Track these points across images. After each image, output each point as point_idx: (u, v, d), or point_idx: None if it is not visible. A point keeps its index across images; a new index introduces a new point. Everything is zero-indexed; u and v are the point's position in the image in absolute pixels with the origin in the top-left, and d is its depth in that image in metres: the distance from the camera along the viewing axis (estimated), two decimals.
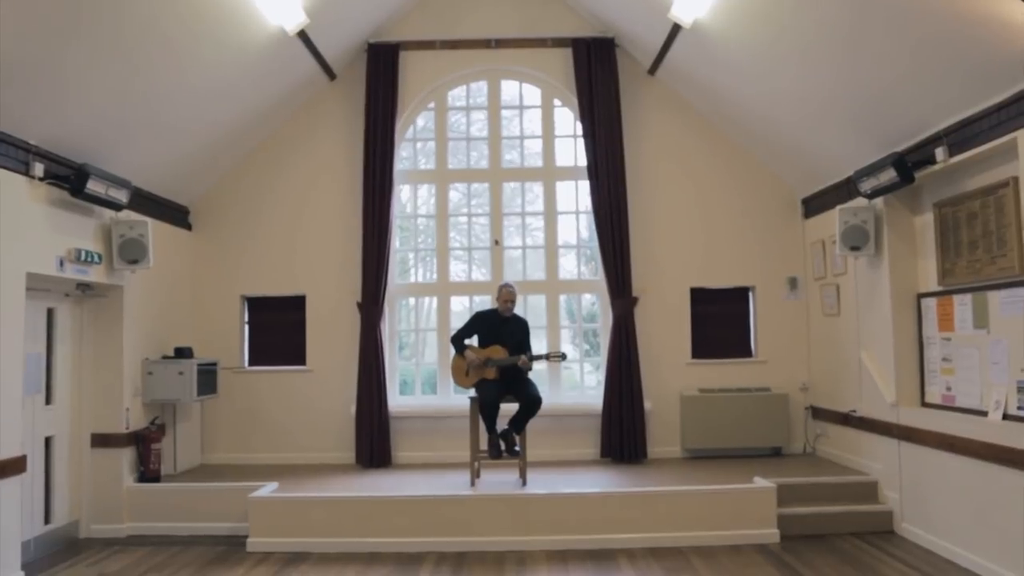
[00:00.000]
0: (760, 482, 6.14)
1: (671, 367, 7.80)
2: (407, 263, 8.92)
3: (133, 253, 6.32)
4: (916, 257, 6.20)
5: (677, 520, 5.89)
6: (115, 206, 6.14)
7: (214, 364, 7.44)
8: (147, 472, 6.66)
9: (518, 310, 6.75)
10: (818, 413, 7.65)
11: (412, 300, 8.46)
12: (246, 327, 8.06)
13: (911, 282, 6.20)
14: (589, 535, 5.85)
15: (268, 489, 6.26)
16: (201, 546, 6.08)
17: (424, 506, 5.91)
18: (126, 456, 6.51)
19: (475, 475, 6.52)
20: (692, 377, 7.80)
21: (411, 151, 8.34)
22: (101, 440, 6.41)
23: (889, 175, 5.78)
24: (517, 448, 6.35)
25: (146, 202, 7.04)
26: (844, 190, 6.92)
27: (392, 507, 5.91)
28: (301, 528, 5.91)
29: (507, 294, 6.51)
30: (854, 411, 6.78)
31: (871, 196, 6.19)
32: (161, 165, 6.97)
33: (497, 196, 8.09)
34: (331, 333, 7.85)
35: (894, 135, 5.86)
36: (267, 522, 5.93)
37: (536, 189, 8.37)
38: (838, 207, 6.55)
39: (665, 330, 7.84)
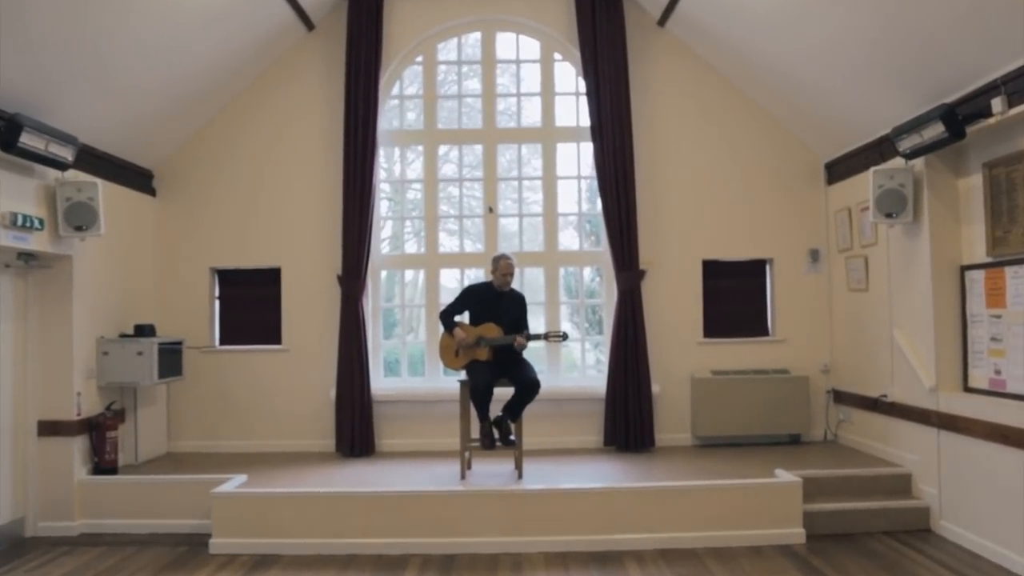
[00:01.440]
0: (783, 475, 5.51)
1: (681, 347, 7.14)
2: (392, 233, 8.20)
3: (80, 219, 5.62)
4: (960, 224, 5.52)
5: (691, 519, 5.26)
6: (59, 165, 5.44)
7: (179, 343, 6.77)
8: (102, 463, 6.01)
9: (513, 284, 6.07)
10: (841, 397, 7.02)
11: (398, 273, 7.77)
12: (216, 303, 7.38)
13: (954, 253, 5.52)
14: (592, 535, 5.22)
15: (234, 483, 5.62)
16: (160, 546, 5.44)
17: (408, 503, 5.27)
18: (78, 446, 5.85)
19: (466, 466, 5.88)
20: (704, 358, 7.15)
21: (397, 110, 7.61)
22: (49, 428, 5.75)
23: (935, 131, 5.09)
24: (512, 437, 5.70)
25: (101, 163, 6.33)
26: (876, 152, 6.24)
27: (372, 504, 5.27)
28: (270, 527, 5.27)
29: (506, 266, 5.83)
30: (884, 396, 6.14)
31: (910, 156, 5.50)
32: (116, 122, 6.25)
33: (491, 159, 7.38)
34: (309, 309, 7.17)
35: (942, 85, 5.16)
36: (232, 521, 5.29)
37: (534, 152, 7.67)
38: (872, 169, 5.86)
39: (675, 306, 7.17)
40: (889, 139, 5.73)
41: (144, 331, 6.45)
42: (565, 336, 5.79)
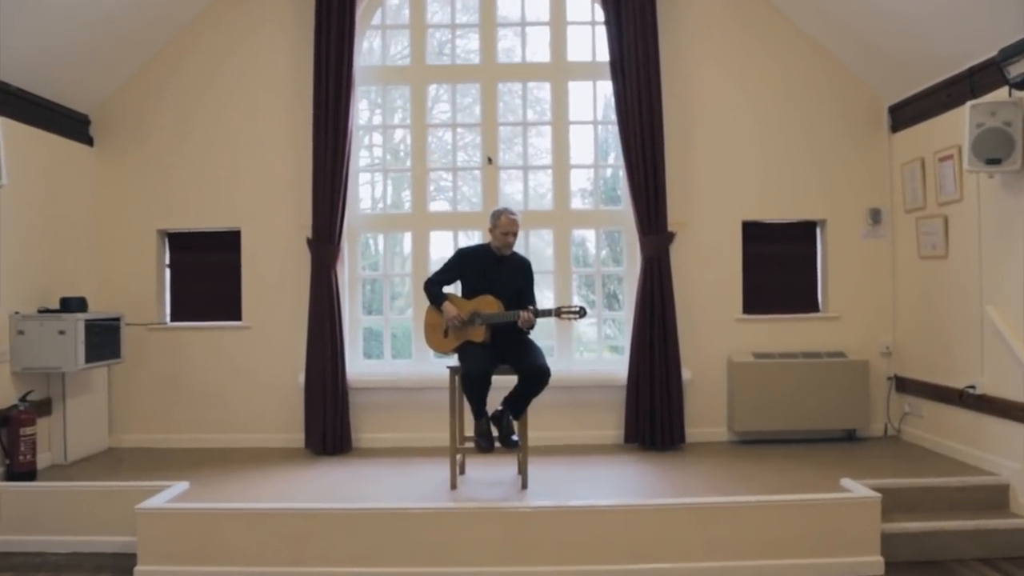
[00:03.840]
0: (855, 488, 4.40)
1: (717, 325, 6.01)
2: (373, 188, 7.02)
3: None
4: None
5: (739, 545, 4.15)
6: None
7: (116, 320, 5.66)
8: (15, 466, 4.94)
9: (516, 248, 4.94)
10: (905, 385, 5.90)
11: (380, 236, 6.61)
12: (166, 271, 6.26)
13: None
14: (614, 564, 4.11)
15: (170, 493, 4.53)
16: (77, 572, 4.38)
17: (383, 523, 4.17)
18: None
19: (458, 472, 4.80)
20: (744, 338, 6.02)
21: (378, 42, 6.40)
22: None
23: None
24: (515, 438, 4.60)
25: (13, 101, 5.18)
26: (963, 86, 5.06)
27: (339, 524, 4.17)
28: (211, 552, 4.18)
29: (508, 223, 4.69)
30: (972, 387, 5.01)
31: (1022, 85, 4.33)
32: (31, 50, 5.09)
33: (491, 101, 6.19)
34: (274, 279, 6.05)
35: None
36: (163, 543, 4.21)
37: (542, 92, 6.48)
38: (969, 104, 4.67)
39: (709, 276, 6.03)
40: (984, 69, 4.54)
41: (71, 305, 5.34)
42: (582, 312, 4.62)
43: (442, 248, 6.25)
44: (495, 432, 4.62)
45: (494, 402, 4.62)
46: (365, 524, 4.18)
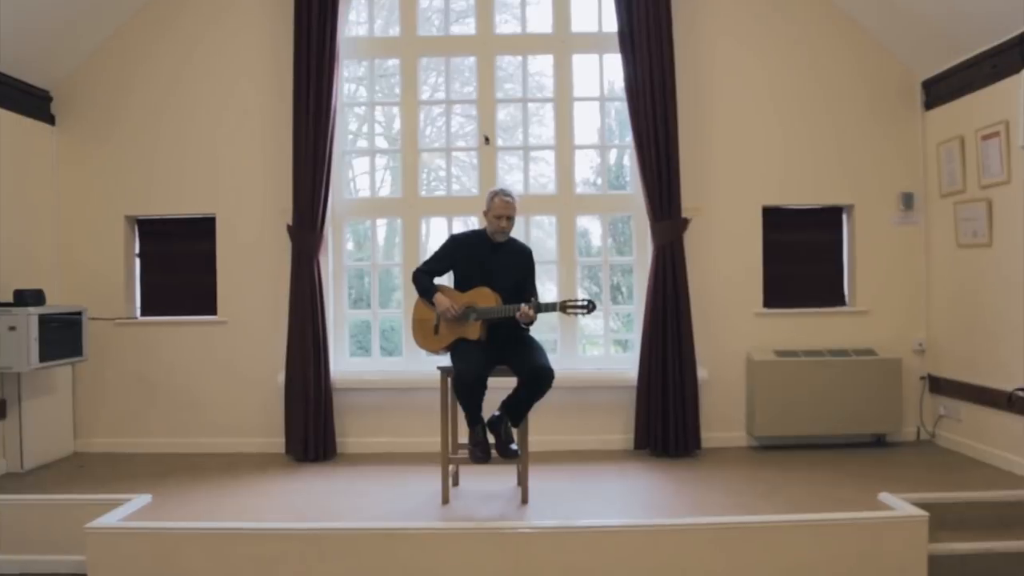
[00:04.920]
0: (896, 504, 3.91)
1: (735, 319, 5.52)
2: (360, 171, 6.50)
3: None
4: None
5: (768, 569, 3.66)
6: None
7: (78, 314, 5.17)
8: None
9: (516, 235, 4.44)
10: (940, 385, 5.41)
11: (367, 223, 6.10)
12: (136, 261, 5.76)
13: None
14: None
15: (126, 510, 4.05)
16: None
17: (366, 544, 3.69)
18: None
19: (451, 484, 4.32)
20: (764, 334, 5.52)
21: (365, 11, 5.88)
22: None
23: None
24: (515, 447, 4.10)
25: None
26: (1011, 56, 4.57)
27: (316, 546, 3.69)
28: None
29: (502, 205, 4.20)
30: (1022, 389, 4.52)
31: None
32: None
33: (488, 75, 5.67)
34: (252, 269, 5.55)
35: None
36: (116, 567, 3.73)
37: (543, 66, 5.96)
38: None
39: (727, 267, 5.53)
40: None
41: (25, 298, 4.85)
42: (590, 307, 4.10)
43: (435, 232, 5.78)
44: (492, 440, 4.14)
45: (493, 404, 4.13)
46: (345, 547, 3.69)
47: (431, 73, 6.40)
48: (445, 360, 4.24)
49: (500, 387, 4.12)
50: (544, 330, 5.57)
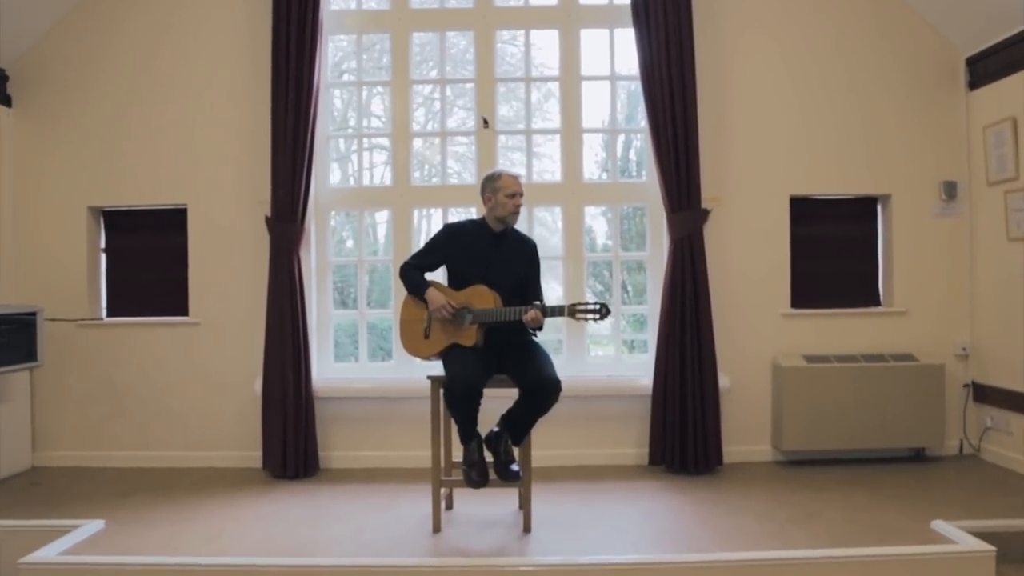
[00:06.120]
0: (955, 535, 3.40)
1: (759, 321, 5.01)
2: (345, 157, 5.98)
3: None
4: None
5: None
6: None
7: (31, 315, 4.67)
8: None
9: (519, 228, 3.93)
10: (985, 394, 4.90)
11: (353, 215, 5.59)
12: (102, 257, 5.26)
13: None
14: None
15: (72, 539, 3.55)
16: None
17: None
18: None
19: (443, 508, 3.82)
20: (792, 337, 5.01)
21: None
22: None
23: None
24: (515, 467, 3.59)
25: None
26: None
27: None
28: None
29: (512, 180, 3.73)
30: None
31: None
32: None
33: (487, 51, 5.16)
34: (228, 266, 5.05)
35: None
36: None
37: (548, 41, 5.43)
38: None
39: (751, 263, 5.02)
40: None
41: None
42: (603, 311, 3.58)
43: (428, 224, 5.26)
44: (489, 458, 3.64)
45: (492, 418, 3.63)
46: None
47: (425, 63, 5.89)
48: (437, 368, 3.73)
49: (500, 396, 3.63)
50: (546, 331, 5.06)
